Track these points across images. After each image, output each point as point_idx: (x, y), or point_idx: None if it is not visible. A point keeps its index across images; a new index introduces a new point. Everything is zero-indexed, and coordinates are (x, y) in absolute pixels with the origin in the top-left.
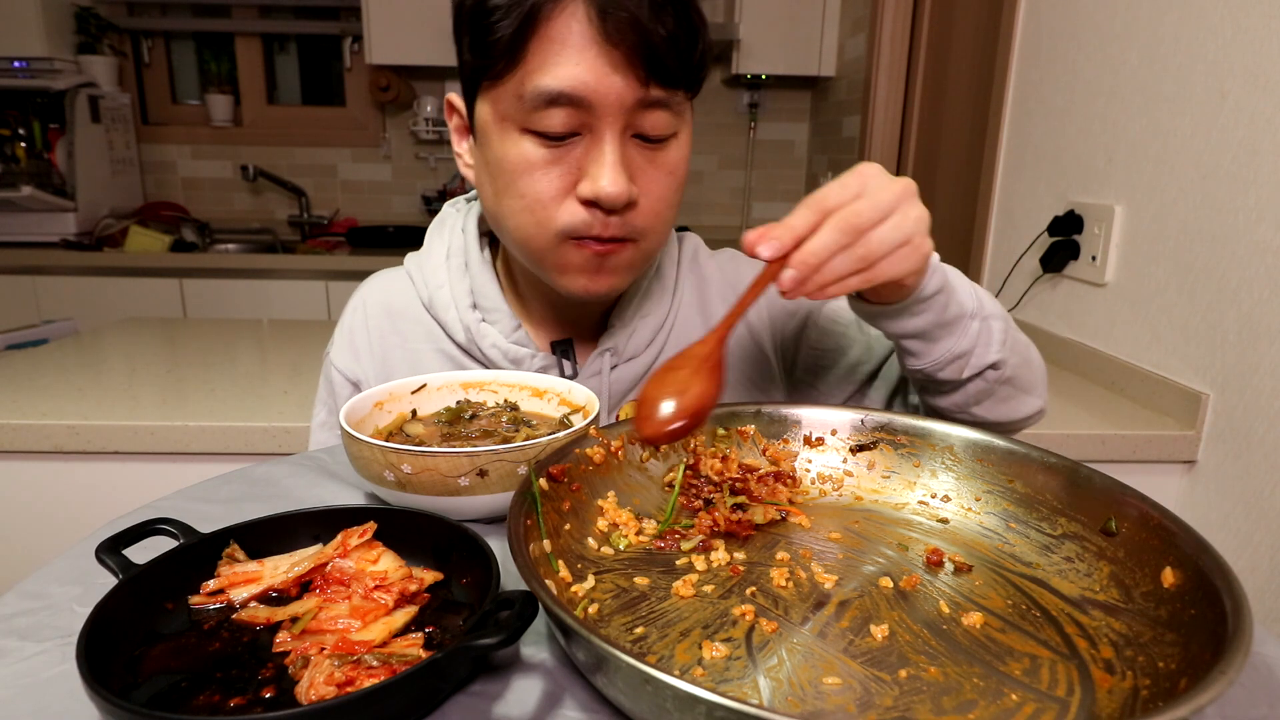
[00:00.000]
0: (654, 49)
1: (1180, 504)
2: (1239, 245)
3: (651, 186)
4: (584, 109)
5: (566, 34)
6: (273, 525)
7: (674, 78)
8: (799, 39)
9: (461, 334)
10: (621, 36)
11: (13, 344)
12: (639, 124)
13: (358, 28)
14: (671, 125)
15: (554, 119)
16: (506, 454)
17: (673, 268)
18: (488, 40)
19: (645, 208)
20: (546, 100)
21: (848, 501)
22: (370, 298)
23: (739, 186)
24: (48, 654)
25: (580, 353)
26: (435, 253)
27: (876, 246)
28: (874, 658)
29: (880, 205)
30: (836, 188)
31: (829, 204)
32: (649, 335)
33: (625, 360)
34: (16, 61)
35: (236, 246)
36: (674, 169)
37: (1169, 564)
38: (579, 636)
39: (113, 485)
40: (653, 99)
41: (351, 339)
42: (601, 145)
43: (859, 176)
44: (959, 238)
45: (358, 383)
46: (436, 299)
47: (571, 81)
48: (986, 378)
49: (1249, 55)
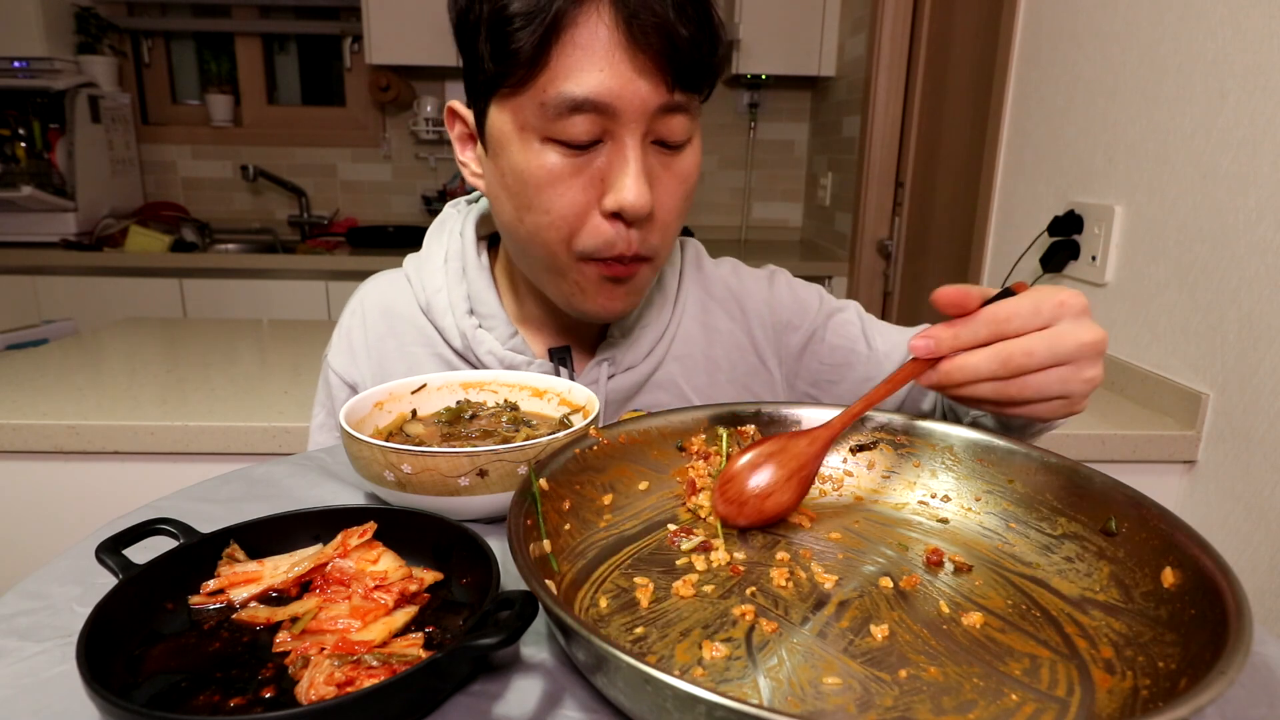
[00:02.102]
0: (679, 53)
1: (1180, 504)
2: (1239, 245)
3: (666, 198)
4: (608, 115)
5: (592, 40)
6: (273, 525)
7: (695, 82)
8: (799, 39)
9: (458, 339)
10: (648, 41)
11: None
12: (659, 130)
13: (358, 28)
14: (689, 130)
15: (578, 127)
16: (506, 454)
17: (674, 277)
18: (508, 49)
19: (658, 221)
20: (570, 107)
21: (848, 501)
22: (368, 300)
23: (739, 186)
24: (48, 654)
25: (578, 360)
26: (434, 256)
27: (1031, 392)
28: (874, 658)
29: (1058, 352)
30: (1028, 310)
31: (1008, 329)
32: (649, 346)
33: (623, 370)
34: (16, 61)
35: (236, 246)
36: (687, 176)
37: (1169, 564)
38: (579, 636)
39: (113, 485)
40: (675, 104)
41: (349, 341)
42: (625, 153)
43: (1057, 307)
44: (959, 238)
45: (354, 385)
46: (434, 303)
47: (597, 88)
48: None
49: (1249, 55)
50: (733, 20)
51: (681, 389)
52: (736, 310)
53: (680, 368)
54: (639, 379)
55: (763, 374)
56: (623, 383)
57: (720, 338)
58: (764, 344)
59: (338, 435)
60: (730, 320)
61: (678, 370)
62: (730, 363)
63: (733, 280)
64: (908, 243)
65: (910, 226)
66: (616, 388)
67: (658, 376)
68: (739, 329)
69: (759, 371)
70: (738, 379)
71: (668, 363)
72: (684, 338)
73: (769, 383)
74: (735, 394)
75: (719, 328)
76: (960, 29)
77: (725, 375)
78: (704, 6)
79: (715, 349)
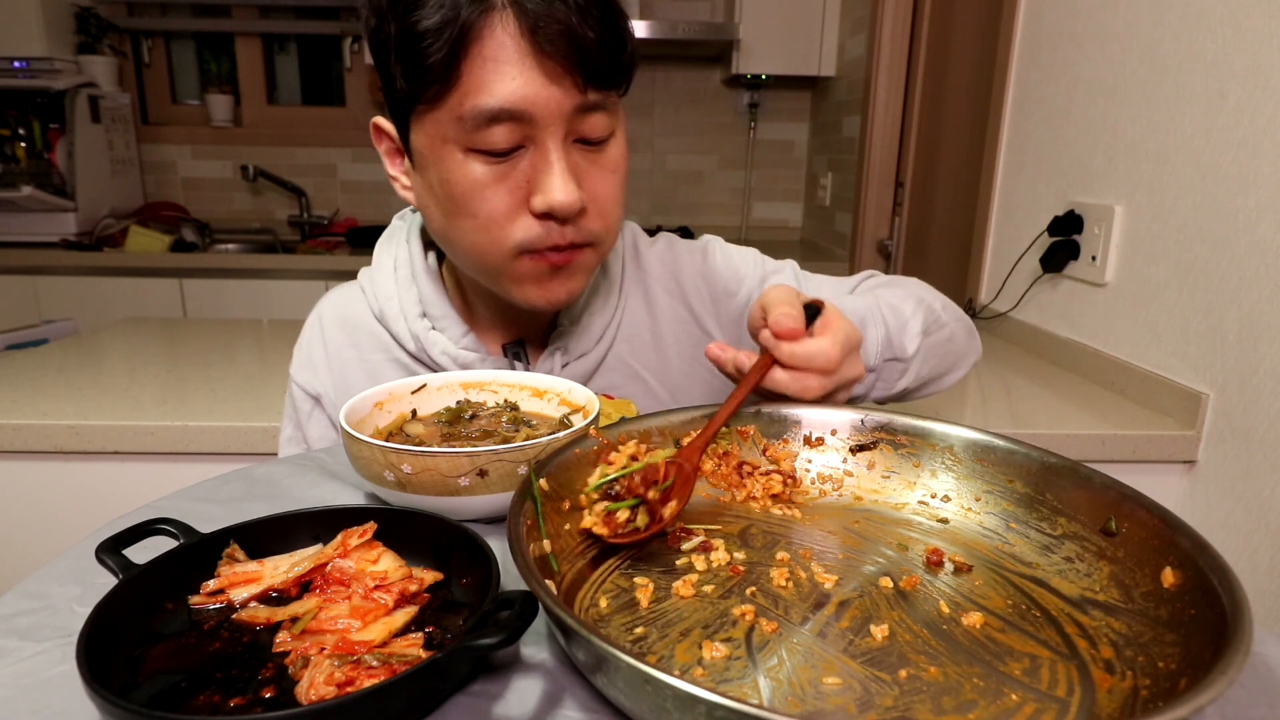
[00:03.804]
0: (587, 55)
1: (1180, 504)
2: (1239, 245)
3: (599, 188)
4: (526, 122)
5: (500, 51)
6: (273, 525)
7: (608, 79)
8: (799, 39)
9: (411, 343)
10: (555, 47)
11: (13, 344)
12: (579, 129)
13: (357, 28)
14: (609, 126)
15: (497, 136)
16: (506, 454)
17: (618, 263)
18: (420, 65)
19: (595, 211)
20: (488, 119)
21: (848, 501)
22: (326, 313)
23: (739, 186)
24: (48, 654)
25: (532, 352)
26: (384, 266)
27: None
28: (874, 658)
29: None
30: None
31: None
32: (598, 332)
33: (576, 358)
34: (16, 61)
35: (236, 246)
36: (616, 167)
37: (1169, 564)
38: (579, 636)
39: (113, 485)
40: (590, 103)
41: (309, 354)
42: (548, 156)
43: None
44: (959, 238)
45: (318, 397)
46: (386, 310)
47: (511, 97)
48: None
49: (1249, 55)
50: (733, 20)
51: (633, 368)
52: (674, 285)
53: (629, 349)
54: (592, 364)
55: (707, 342)
56: (576, 370)
57: (663, 313)
58: (704, 314)
59: (303, 449)
60: (669, 296)
61: (627, 351)
62: (675, 337)
63: (667, 256)
64: (908, 243)
65: (910, 226)
66: (571, 375)
67: (609, 359)
68: (678, 303)
69: (704, 341)
70: (685, 353)
71: (617, 345)
72: (630, 319)
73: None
74: (685, 367)
75: (659, 304)
76: (960, 29)
77: (673, 350)
78: (607, 6)
79: (660, 325)
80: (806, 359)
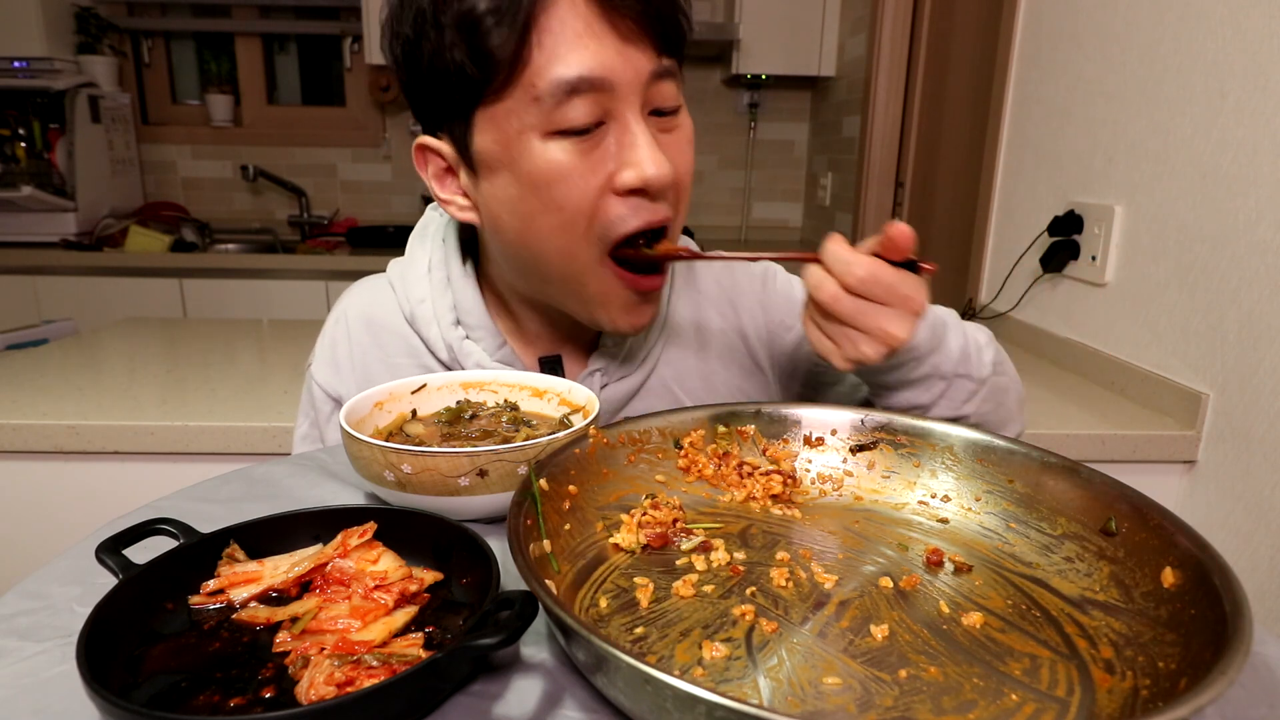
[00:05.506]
0: (660, 16)
1: (1180, 504)
2: (1239, 245)
3: (679, 158)
4: (605, 91)
5: (570, 19)
6: (273, 525)
7: (677, 44)
8: (799, 39)
9: (444, 351)
10: (627, 9)
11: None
12: (654, 99)
13: (358, 28)
14: (679, 95)
15: (578, 110)
16: (506, 454)
17: (666, 281)
18: (485, 49)
19: (678, 184)
20: (568, 91)
21: (848, 501)
22: (351, 310)
23: (739, 186)
24: (48, 654)
25: (569, 369)
26: (418, 263)
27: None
28: (874, 658)
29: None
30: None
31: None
32: (642, 353)
33: (616, 380)
34: (16, 61)
35: (236, 246)
36: (690, 137)
37: (1169, 564)
38: (579, 636)
39: (113, 485)
40: (664, 69)
41: (333, 352)
42: (630, 128)
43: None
44: (959, 238)
45: (339, 398)
46: (418, 314)
47: (590, 64)
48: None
49: (1249, 55)
50: (733, 20)
51: (675, 394)
52: (729, 310)
53: (673, 372)
54: (632, 387)
55: (757, 377)
56: (615, 392)
57: (713, 339)
58: (757, 345)
59: (319, 446)
60: (722, 319)
61: (670, 375)
62: (724, 364)
63: (725, 278)
64: None
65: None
66: (610, 397)
67: (650, 382)
68: (730, 329)
69: (753, 374)
70: (732, 381)
71: (661, 368)
72: (678, 342)
73: (761, 383)
74: (731, 396)
75: (711, 328)
76: (960, 29)
77: (720, 378)
78: None
79: (709, 351)
80: (900, 278)
